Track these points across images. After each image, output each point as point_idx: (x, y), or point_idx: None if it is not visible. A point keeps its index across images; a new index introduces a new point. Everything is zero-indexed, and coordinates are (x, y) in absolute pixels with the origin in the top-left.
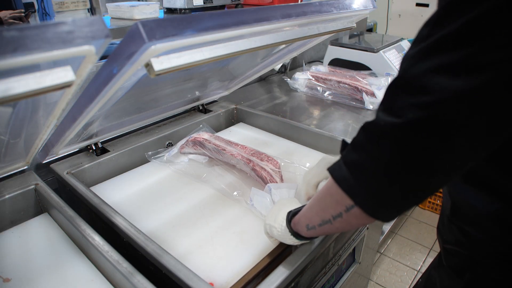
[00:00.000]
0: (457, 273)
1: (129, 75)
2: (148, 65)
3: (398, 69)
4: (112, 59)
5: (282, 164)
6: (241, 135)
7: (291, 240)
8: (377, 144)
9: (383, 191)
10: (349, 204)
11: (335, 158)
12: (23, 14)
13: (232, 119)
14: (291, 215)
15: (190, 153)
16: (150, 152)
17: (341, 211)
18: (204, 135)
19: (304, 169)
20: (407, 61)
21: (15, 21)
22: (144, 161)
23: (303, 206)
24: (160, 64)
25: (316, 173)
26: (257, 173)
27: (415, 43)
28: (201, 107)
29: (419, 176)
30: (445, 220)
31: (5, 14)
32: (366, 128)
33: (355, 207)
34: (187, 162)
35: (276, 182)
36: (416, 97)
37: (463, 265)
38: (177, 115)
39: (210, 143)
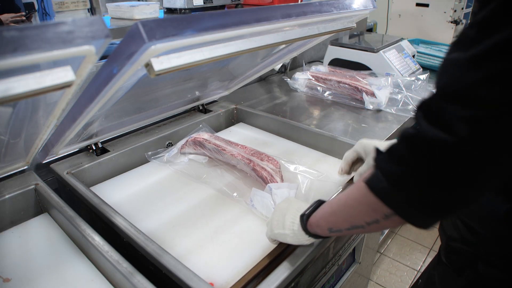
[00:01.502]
0: (457, 270)
1: (129, 75)
2: (148, 65)
3: (440, 73)
4: (112, 59)
5: (282, 162)
6: (241, 135)
7: (308, 241)
8: (423, 157)
9: (428, 204)
10: (389, 212)
11: (371, 141)
12: (24, 17)
13: (232, 119)
14: (306, 218)
15: (190, 153)
16: (150, 152)
17: (378, 218)
18: (204, 135)
19: (303, 168)
20: (455, 68)
21: (17, 25)
22: (144, 161)
23: (315, 206)
24: (160, 64)
25: (353, 152)
26: (257, 173)
27: (459, 45)
28: (201, 107)
29: (468, 188)
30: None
31: (6, 17)
32: (408, 140)
33: (396, 216)
34: (187, 162)
35: (277, 182)
36: (470, 110)
37: (465, 262)
38: (177, 115)
39: (210, 143)
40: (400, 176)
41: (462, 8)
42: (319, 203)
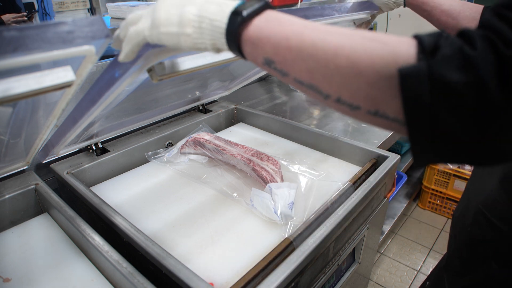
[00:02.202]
0: (466, 267)
1: (131, 80)
2: (151, 71)
3: None
4: (115, 63)
5: (282, 162)
6: (241, 135)
7: (215, 48)
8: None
9: (475, 133)
10: (392, 117)
11: None
12: (26, 17)
13: (232, 119)
14: (241, 21)
15: (190, 153)
16: (150, 152)
17: (361, 106)
18: (204, 136)
19: (303, 168)
20: None
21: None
22: (144, 161)
23: (257, 8)
24: (163, 69)
25: None
26: (257, 173)
27: None
28: (201, 107)
29: None
30: (470, 209)
31: (8, 18)
32: (496, 52)
33: (396, 123)
34: (187, 162)
35: (277, 182)
36: None
37: (478, 260)
38: (177, 115)
39: (210, 143)
40: (458, 87)
41: None
42: (264, 5)
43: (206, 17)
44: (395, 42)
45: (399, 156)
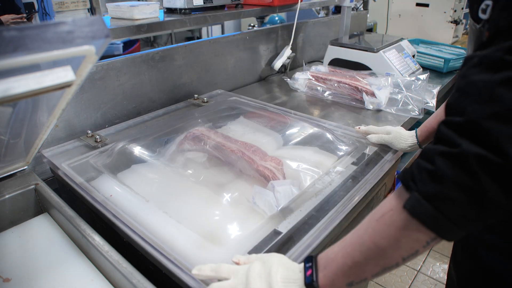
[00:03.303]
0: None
1: None
2: None
3: (468, 93)
4: None
5: (284, 159)
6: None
7: None
8: (473, 176)
9: (472, 221)
10: (433, 237)
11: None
12: (25, 19)
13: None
14: (317, 284)
15: (189, 150)
16: (146, 152)
17: (418, 248)
18: (202, 130)
19: (304, 166)
20: (486, 91)
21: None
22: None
23: (315, 267)
24: None
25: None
26: (259, 173)
27: (483, 67)
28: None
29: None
30: None
31: (7, 18)
32: (448, 157)
33: (437, 238)
34: (186, 160)
35: (279, 179)
36: None
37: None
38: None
39: (209, 138)
40: (446, 196)
41: (462, 8)
42: (315, 260)
43: None
44: (389, 204)
45: (399, 156)
